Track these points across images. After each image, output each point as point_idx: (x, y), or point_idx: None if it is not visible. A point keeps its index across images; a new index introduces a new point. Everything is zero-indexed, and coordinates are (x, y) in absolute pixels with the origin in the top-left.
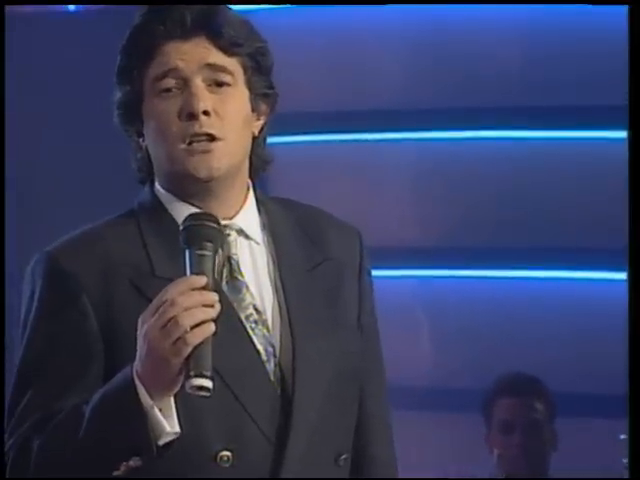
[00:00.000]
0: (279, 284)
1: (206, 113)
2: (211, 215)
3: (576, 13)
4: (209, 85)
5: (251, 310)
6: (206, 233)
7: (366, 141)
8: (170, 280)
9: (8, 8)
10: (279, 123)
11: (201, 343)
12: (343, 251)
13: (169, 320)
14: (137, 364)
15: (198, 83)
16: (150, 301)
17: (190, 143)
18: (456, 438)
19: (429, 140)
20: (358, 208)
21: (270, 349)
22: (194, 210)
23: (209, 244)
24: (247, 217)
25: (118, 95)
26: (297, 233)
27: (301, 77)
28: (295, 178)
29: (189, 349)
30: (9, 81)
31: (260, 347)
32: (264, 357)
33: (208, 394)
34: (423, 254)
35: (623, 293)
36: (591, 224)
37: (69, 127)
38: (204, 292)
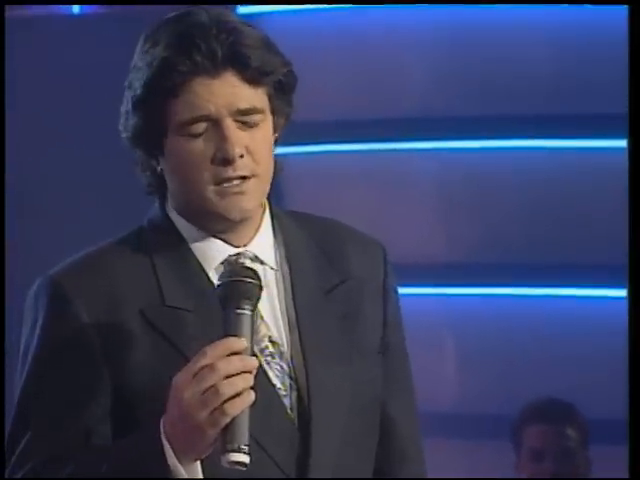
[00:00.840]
0: (292, 310)
1: (241, 157)
2: (249, 269)
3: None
4: (240, 123)
5: (266, 342)
6: (245, 290)
7: (386, 151)
8: (180, 309)
9: (10, 11)
10: (297, 133)
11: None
12: (365, 269)
13: (208, 388)
14: (166, 423)
15: (229, 124)
16: (159, 332)
17: (220, 184)
18: (483, 467)
19: (435, 150)
20: (376, 222)
21: (288, 382)
22: (211, 239)
23: (248, 302)
24: (262, 241)
25: (134, 120)
26: (313, 251)
27: (320, 84)
28: (313, 190)
29: (227, 420)
30: (12, 84)
31: (276, 381)
32: (282, 392)
33: (244, 469)
34: (432, 270)
35: None
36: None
37: (71, 132)
38: (244, 357)
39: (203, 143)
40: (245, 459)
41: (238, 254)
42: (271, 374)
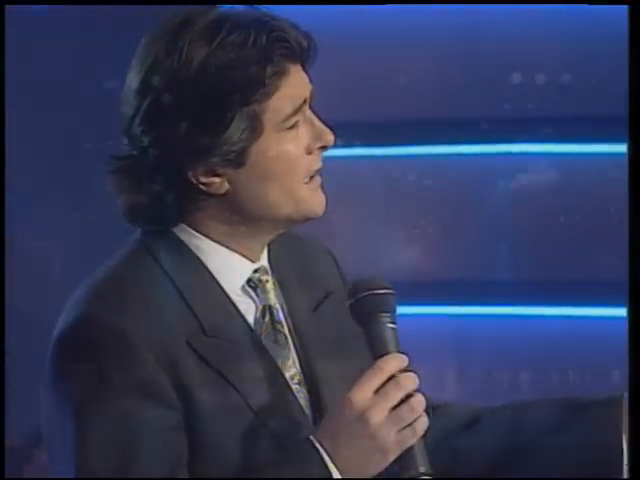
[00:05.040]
0: (294, 332)
1: None
2: (384, 279)
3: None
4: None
5: (295, 370)
6: (390, 302)
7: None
8: (220, 339)
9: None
10: None
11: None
12: (331, 278)
13: (397, 405)
14: (331, 445)
15: (310, 112)
16: (206, 362)
17: (311, 177)
18: None
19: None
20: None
21: (310, 413)
22: (231, 256)
23: (392, 315)
24: (266, 254)
25: (226, 141)
26: (296, 267)
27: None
28: None
29: (414, 440)
30: (12, 79)
31: (308, 412)
32: (311, 423)
33: None
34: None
35: None
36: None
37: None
38: (414, 375)
39: (299, 134)
40: None
41: (257, 270)
42: (302, 403)
